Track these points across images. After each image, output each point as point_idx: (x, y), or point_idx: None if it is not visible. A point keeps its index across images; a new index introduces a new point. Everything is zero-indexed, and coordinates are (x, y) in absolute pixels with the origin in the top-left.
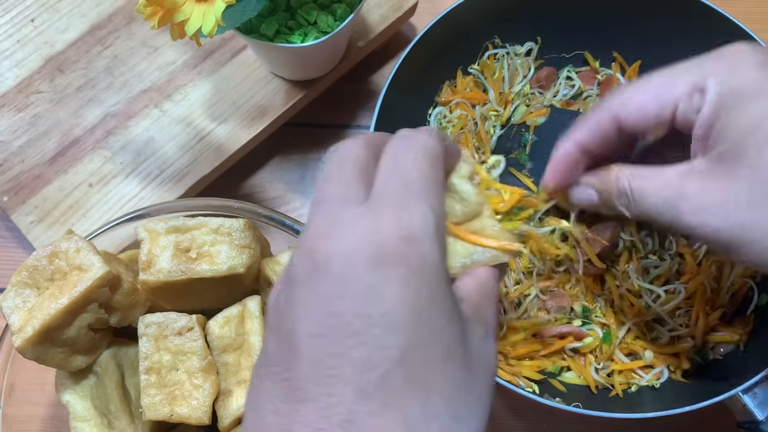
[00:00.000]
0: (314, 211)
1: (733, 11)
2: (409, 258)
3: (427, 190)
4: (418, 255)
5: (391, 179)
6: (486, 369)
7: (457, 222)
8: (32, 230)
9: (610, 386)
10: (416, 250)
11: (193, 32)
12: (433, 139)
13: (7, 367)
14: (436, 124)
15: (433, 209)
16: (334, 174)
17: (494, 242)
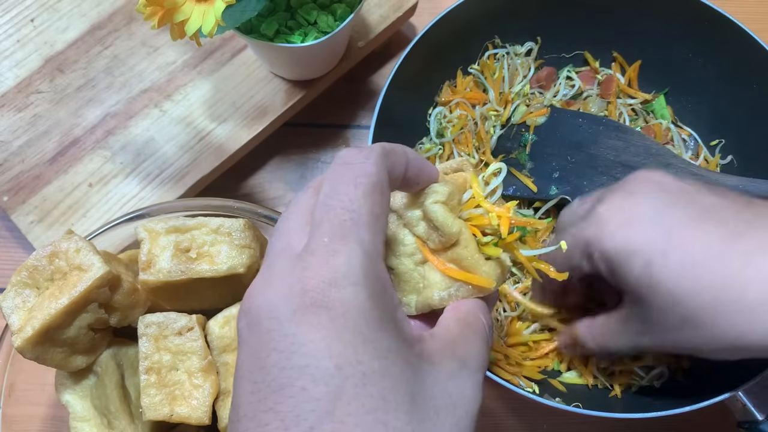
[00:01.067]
0: (260, 269)
1: (733, 11)
2: (330, 304)
3: (357, 227)
4: (339, 300)
5: (323, 217)
6: (454, 409)
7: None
8: (32, 230)
9: (609, 386)
10: (337, 295)
11: (193, 32)
12: (370, 164)
13: (7, 367)
14: (436, 124)
15: (362, 246)
16: (280, 227)
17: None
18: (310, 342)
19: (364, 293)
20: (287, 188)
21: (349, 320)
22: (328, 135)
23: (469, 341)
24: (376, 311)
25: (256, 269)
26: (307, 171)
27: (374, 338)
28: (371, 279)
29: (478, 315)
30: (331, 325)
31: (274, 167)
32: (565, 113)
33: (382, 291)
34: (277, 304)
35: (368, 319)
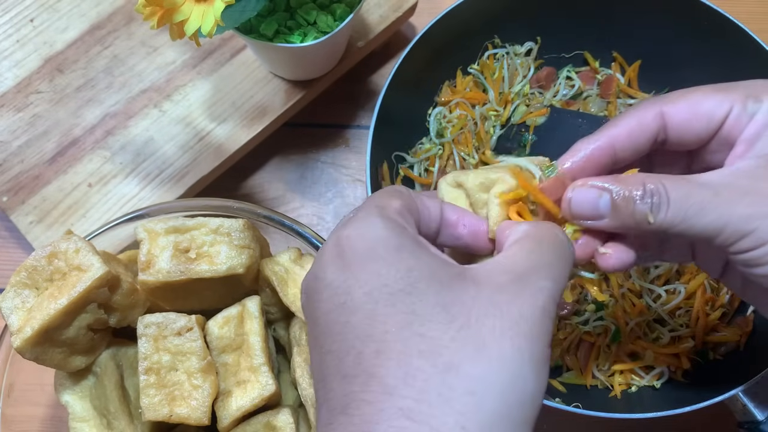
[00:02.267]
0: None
1: (733, 11)
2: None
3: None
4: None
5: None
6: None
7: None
8: (31, 230)
9: (610, 386)
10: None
11: (192, 32)
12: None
13: (7, 367)
14: (436, 124)
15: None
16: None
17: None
18: (342, 281)
19: (379, 228)
20: (287, 188)
21: (371, 252)
22: (328, 135)
23: (530, 256)
24: (394, 240)
25: (256, 269)
26: (307, 171)
27: (395, 261)
28: (386, 221)
29: (552, 230)
30: (355, 261)
31: (273, 167)
32: (565, 113)
33: (399, 227)
34: (317, 270)
35: (387, 247)
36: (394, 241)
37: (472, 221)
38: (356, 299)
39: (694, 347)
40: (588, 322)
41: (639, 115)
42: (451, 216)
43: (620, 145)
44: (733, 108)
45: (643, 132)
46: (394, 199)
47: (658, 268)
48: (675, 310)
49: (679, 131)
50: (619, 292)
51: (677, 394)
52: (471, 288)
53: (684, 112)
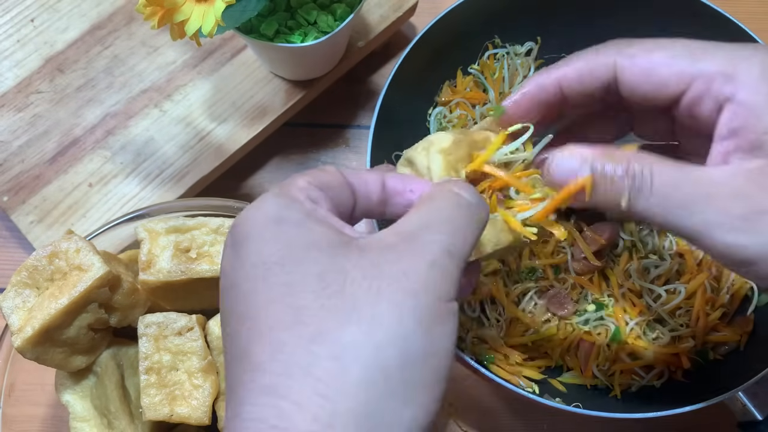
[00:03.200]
0: None
1: (733, 11)
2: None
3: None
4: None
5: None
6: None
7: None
8: (32, 230)
9: (609, 386)
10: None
11: (192, 32)
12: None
13: (7, 367)
14: (436, 124)
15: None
16: None
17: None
18: (230, 265)
19: (266, 207)
20: None
21: (253, 231)
22: (328, 135)
23: (423, 212)
24: (277, 214)
25: None
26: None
27: (274, 235)
28: (279, 197)
29: (443, 185)
30: (241, 242)
31: (274, 167)
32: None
33: (291, 202)
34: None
35: (267, 223)
36: (277, 215)
37: (420, 185)
38: (239, 280)
39: (694, 347)
40: (588, 322)
41: (592, 60)
42: (395, 185)
43: (568, 87)
44: (694, 83)
45: (592, 79)
46: (301, 178)
47: (658, 268)
48: (675, 310)
49: (630, 92)
50: (619, 292)
51: (677, 394)
52: (354, 254)
53: (637, 73)
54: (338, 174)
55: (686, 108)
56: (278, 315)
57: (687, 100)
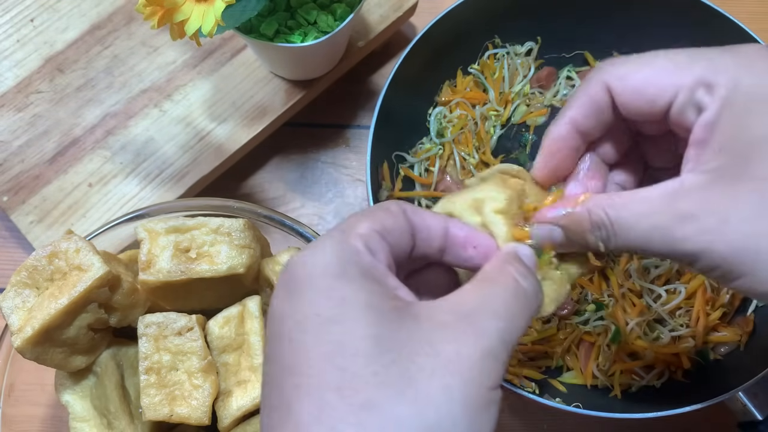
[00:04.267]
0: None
1: (733, 11)
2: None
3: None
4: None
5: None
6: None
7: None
8: (32, 230)
9: (610, 386)
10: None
11: (192, 32)
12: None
13: (7, 367)
14: (436, 124)
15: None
16: None
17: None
18: (281, 309)
19: (325, 255)
20: (287, 188)
21: (309, 280)
22: (328, 135)
23: (481, 294)
24: (336, 267)
25: (256, 269)
26: (307, 171)
27: (330, 288)
28: (338, 246)
29: (504, 266)
30: (295, 289)
31: (274, 167)
32: None
33: (351, 253)
34: (273, 295)
35: (326, 275)
36: (336, 268)
37: (483, 241)
38: (288, 328)
39: (694, 347)
40: (588, 322)
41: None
42: (458, 233)
43: (582, 126)
44: (678, 96)
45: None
46: (367, 220)
47: (659, 268)
48: (675, 310)
49: (626, 110)
50: (619, 292)
51: (677, 394)
52: (409, 323)
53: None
54: (401, 216)
55: (675, 121)
56: (328, 375)
57: (674, 112)
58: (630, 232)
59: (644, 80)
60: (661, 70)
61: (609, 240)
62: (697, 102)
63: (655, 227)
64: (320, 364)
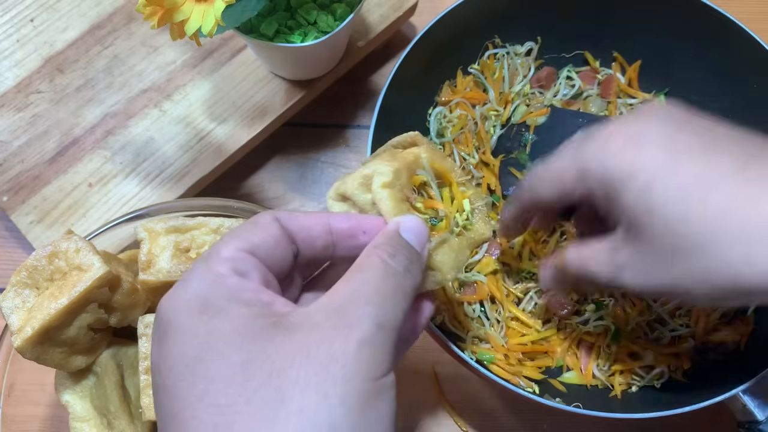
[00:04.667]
0: None
1: (733, 11)
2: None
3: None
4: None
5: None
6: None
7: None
8: (32, 230)
9: (610, 386)
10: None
11: (192, 32)
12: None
13: (7, 367)
14: (436, 124)
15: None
16: None
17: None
18: (156, 358)
19: (187, 292)
20: (287, 188)
21: (173, 322)
22: (328, 135)
23: (352, 285)
24: (198, 303)
25: None
26: (307, 171)
27: (194, 326)
28: (201, 278)
29: (370, 252)
30: (163, 335)
31: (274, 167)
32: (566, 113)
33: (214, 281)
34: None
35: (189, 314)
36: (198, 302)
37: (371, 223)
38: (163, 376)
39: (694, 347)
40: (588, 322)
41: (518, 196)
42: (341, 225)
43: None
44: (575, 192)
45: (527, 207)
46: (232, 241)
47: None
48: (675, 310)
49: (552, 203)
50: (619, 292)
51: (677, 394)
52: (280, 336)
53: (545, 192)
54: (273, 227)
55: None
56: (204, 415)
57: (580, 198)
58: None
59: (549, 184)
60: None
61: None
62: (585, 187)
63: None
64: (195, 405)
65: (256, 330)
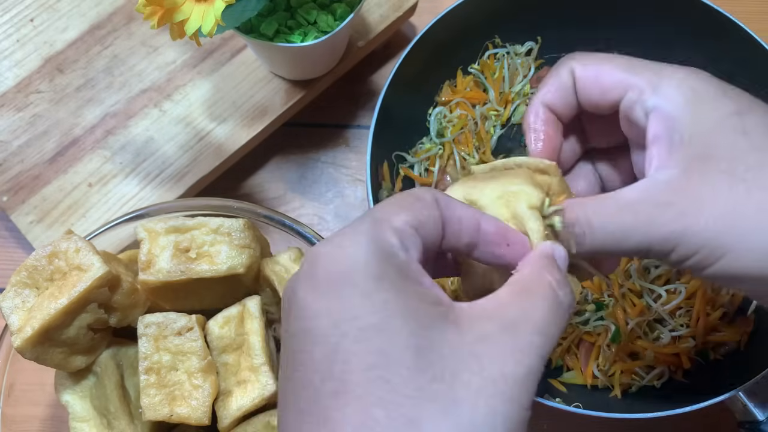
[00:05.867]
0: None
1: (733, 11)
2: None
3: (372, 211)
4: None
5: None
6: (482, 372)
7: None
8: (32, 230)
9: (610, 386)
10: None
11: (192, 32)
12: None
13: (7, 367)
14: (436, 124)
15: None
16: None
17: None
18: (311, 305)
19: (361, 251)
20: (287, 188)
21: (345, 278)
22: (328, 135)
23: (522, 304)
24: (376, 268)
25: (256, 269)
26: (307, 171)
27: (371, 291)
28: (374, 242)
29: (543, 274)
30: (328, 284)
31: (274, 167)
32: None
33: (389, 251)
34: (294, 282)
35: (368, 275)
36: (375, 268)
37: (517, 238)
38: (322, 328)
39: (694, 347)
40: (588, 322)
41: (556, 72)
42: (490, 228)
43: (555, 105)
44: (627, 93)
45: (563, 88)
46: (402, 212)
47: (659, 268)
48: (675, 310)
49: (582, 94)
50: (620, 292)
51: (677, 394)
52: (451, 332)
53: (589, 78)
54: (434, 207)
55: (623, 114)
56: (372, 386)
57: (623, 106)
58: (608, 226)
59: (602, 72)
60: (617, 67)
61: (584, 237)
62: (644, 102)
63: (634, 218)
64: (363, 373)
65: (428, 316)
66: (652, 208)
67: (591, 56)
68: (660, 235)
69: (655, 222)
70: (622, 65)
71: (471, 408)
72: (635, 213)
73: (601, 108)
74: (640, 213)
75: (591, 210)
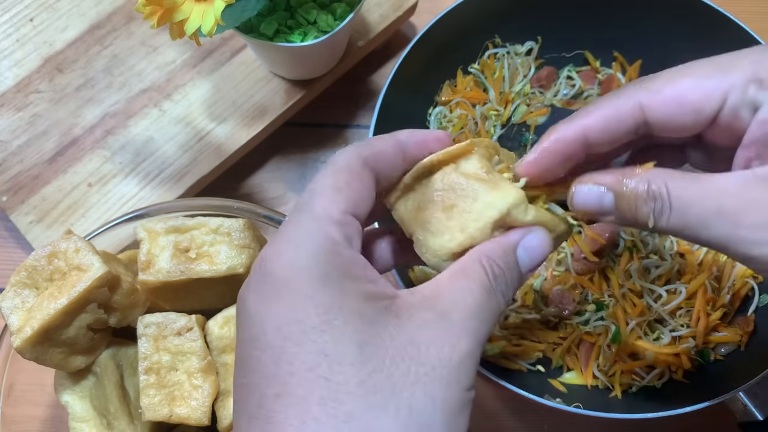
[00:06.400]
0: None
1: (733, 11)
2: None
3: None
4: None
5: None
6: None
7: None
8: (31, 230)
9: (610, 386)
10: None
11: (192, 31)
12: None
13: (7, 367)
14: (436, 124)
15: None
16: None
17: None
18: (257, 310)
19: (305, 255)
20: (287, 188)
21: (289, 282)
22: (328, 135)
23: (456, 290)
24: (318, 270)
25: None
26: (307, 171)
27: (314, 293)
28: (316, 242)
29: (478, 260)
30: (273, 290)
31: (273, 167)
32: (566, 113)
33: (331, 249)
34: (244, 289)
35: (311, 278)
36: (317, 270)
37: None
38: (267, 334)
39: (694, 347)
40: (588, 322)
41: (616, 105)
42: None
43: (594, 137)
44: (729, 98)
45: (619, 126)
46: (338, 198)
47: (659, 268)
48: (676, 310)
49: (663, 127)
50: (620, 292)
51: (677, 394)
52: (393, 324)
53: (667, 105)
54: (366, 175)
55: (726, 124)
56: (313, 386)
57: (724, 115)
58: (690, 209)
59: (682, 91)
60: (704, 76)
61: (662, 214)
62: (752, 99)
63: (720, 210)
64: (304, 374)
65: (372, 312)
66: (743, 206)
67: (658, 78)
68: (744, 238)
69: (742, 221)
70: (701, 72)
71: (409, 395)
72: (720, 206)
73: (689, 129)
74: (728, 207)
75: (674, 187)
